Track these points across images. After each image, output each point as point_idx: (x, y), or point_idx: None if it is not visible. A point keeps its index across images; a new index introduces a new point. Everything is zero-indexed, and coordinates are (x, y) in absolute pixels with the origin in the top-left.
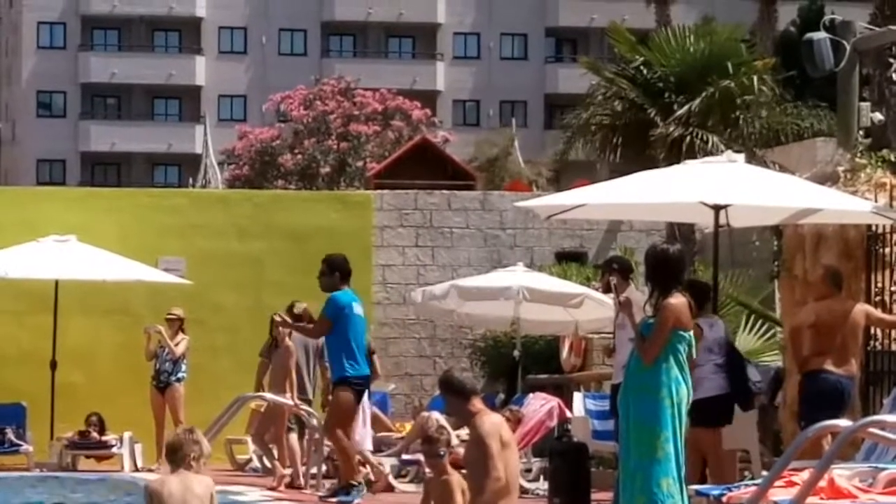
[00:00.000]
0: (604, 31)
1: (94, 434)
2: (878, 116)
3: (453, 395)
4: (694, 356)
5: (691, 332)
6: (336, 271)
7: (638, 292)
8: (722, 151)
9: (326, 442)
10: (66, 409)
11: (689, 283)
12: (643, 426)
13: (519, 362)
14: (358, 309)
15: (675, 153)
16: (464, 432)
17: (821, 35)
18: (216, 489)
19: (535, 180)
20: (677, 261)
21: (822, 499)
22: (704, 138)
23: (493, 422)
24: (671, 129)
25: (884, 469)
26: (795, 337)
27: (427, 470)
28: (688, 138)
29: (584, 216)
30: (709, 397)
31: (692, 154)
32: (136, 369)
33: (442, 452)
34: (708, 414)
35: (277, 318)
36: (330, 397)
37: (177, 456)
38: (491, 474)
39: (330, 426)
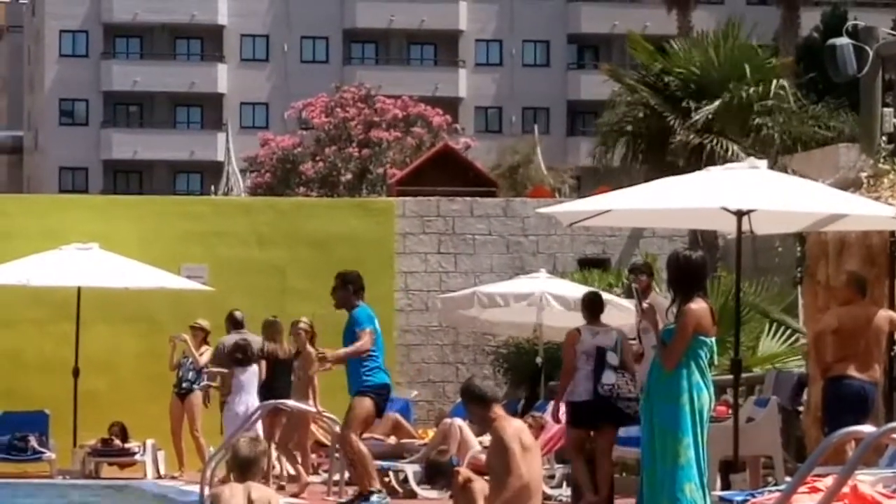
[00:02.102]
0: (626, 37)
1: (117, 441)
2: None
3: (473, 403)
4: (715, 362)
5: (713, 338)
6: (349, 284)
7: (661, 298)
8: (742, 158)
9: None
10: (88, 417)
11: (582, 298)
12: (665, 432)
13: (541, 369)
14: (377, 323)
15: (695, 160)
16: (486, 439)
17: (844, 41)
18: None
19: (558, 188)
20: (699, 267)
21: None
22: (725, 146)
23: (514, 427)
24: (690, 136)
25: None
26: (819, 342)
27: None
28: (708, 146)
29: (606, 223)
30: (581, 401)
31: (712, 161)
32: (159, 377)
33: (445, 482)
34: (578, 416)
35: (320, 356)
36: None
37: (250, 471)
38: (514, 472)
39: (345, 432)
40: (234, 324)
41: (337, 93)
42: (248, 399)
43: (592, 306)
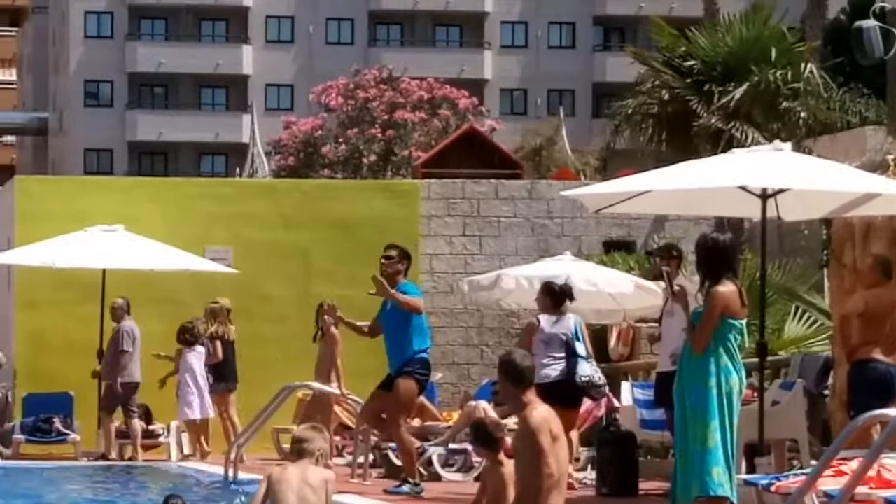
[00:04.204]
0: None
1: (142, 423)
2: None
3: (509, 380)
4: (745, 345)
5: (743, 321)
6: (406, 259)
7: (688, 281)
8: (762, 144)
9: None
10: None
11: (550, 288)
12: (695, 415)
13: None
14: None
15: (718, 144)
16: (512, 421)
17: (871, 23)
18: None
19: (582, 169)
20: (727, 249)
21: (871, 488)
22: (744, 133)
23: (542, 416)
24: (713, 120)
25: None
26: (844, 326)
27: (477, 460)
28: (731, 131)
29: (631, 210)
30: (539, 384)
31: (734, 146)
32: None
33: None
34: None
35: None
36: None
37: (303, 447)
38: (543, 472)
39: (392, 418)
40: (126, 310)
41: (357, 76)
42: (198, 379)
43: (562, 296)
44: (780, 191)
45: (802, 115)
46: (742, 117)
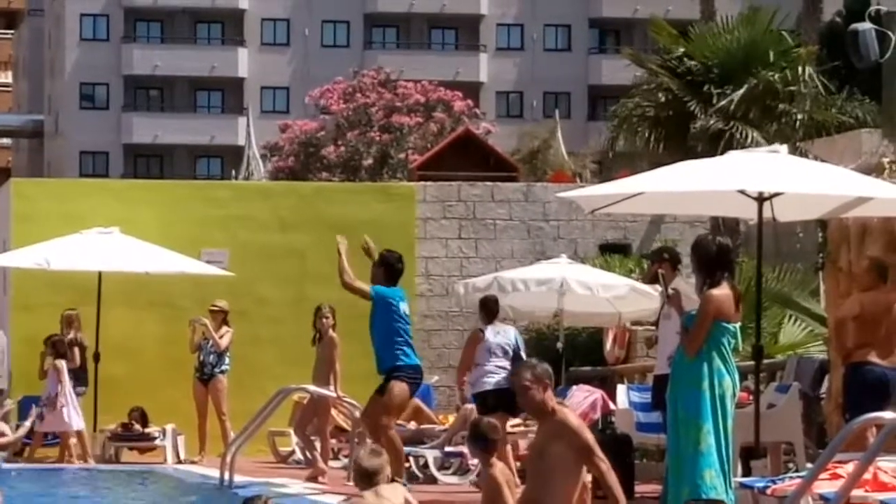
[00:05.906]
0: (647, 21)
1: (137, 426)
2: None
3: (541, 385)
4: (739, 348)
5: (737, 325)
6: (381, 266)
7: (685, 283)
8: (763, 145)
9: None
10: (109, 401)
11: (483, 301)
12: (687, 418)
13: (562, 354)
14: (405, 307)
15: (715, 146)
16: (512, 422)
17: (866, 26)
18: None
19: (579, 173)
20: (722, 252)
21: (866, 491)
22: (744, 133)
23: (576, 414)
24: (711, 121)
25: None
26: (840, 329)
27: (473, 462)
28: (729, 132)
29: (628, 210)
30: (486, 391)
31: (732, 147)
32: (179, 361)
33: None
34: (486, 404)
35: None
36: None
37: (373, 480)
38: (601, 466)
39: (379, 418)
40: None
41: (355, 78)
42: (73, 390)
43: (496, 308)
44: (777, 193)
45: (799, 117)
46: (739, 119)
